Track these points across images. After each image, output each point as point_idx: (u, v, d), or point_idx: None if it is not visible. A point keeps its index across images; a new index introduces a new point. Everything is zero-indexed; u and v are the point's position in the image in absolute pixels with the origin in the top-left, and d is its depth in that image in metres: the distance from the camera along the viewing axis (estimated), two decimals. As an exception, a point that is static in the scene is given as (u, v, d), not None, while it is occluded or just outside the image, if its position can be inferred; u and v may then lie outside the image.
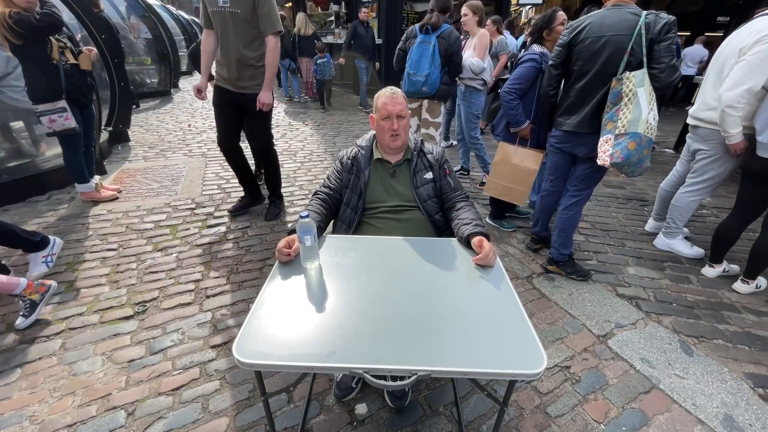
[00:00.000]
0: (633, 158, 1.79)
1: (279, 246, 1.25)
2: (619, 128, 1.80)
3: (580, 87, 1.99)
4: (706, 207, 3.47)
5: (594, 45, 1.88)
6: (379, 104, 1.51)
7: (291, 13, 10.45)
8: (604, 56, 1.86)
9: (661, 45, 1.72)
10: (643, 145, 1.78)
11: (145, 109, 6.69)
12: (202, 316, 1.95)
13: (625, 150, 1.78)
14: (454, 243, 1.41)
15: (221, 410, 1.47)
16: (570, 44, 1.99)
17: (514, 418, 1.48)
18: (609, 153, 1.83)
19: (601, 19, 1.88)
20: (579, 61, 1.96)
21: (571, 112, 2.06)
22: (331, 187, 1.60)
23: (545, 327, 1.96)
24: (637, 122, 1.75)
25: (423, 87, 2.97)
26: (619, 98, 1.79)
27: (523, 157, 2.55)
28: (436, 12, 2.90)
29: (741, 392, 1.61)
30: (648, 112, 1.76)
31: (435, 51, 2.88)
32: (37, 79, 2.58)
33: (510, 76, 2.47)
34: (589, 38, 1.89)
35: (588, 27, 1.91)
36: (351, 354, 0.89)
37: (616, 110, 1.81)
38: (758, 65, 1.91)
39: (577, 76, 2.00)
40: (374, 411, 1.48)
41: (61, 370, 1.61)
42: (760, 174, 2.03)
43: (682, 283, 2.36)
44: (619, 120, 1.79)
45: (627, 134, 1.78)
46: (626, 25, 1.78)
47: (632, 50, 1.77)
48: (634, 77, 1.75)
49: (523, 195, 2.68)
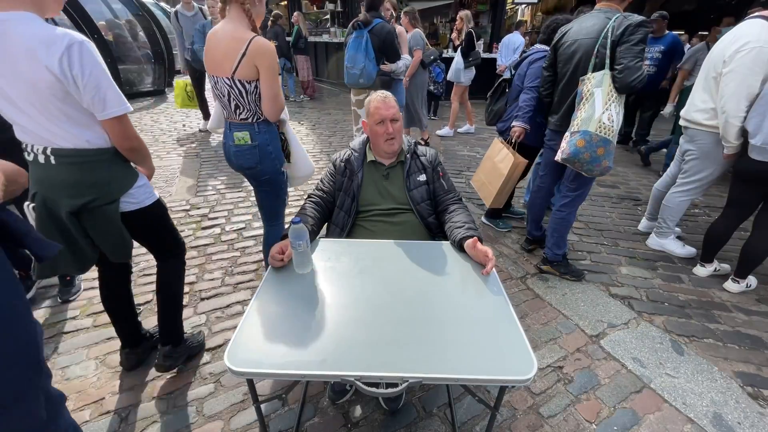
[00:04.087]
0: (582, 155, 1.86)
1: (272, 252, 1.25)
2: (573, 126, 1.91)
3: (561, 88, 2.11)
4: (699, 206, 3.51)
5: (569, 48, 1.99)
6: (372, 109, 1.51)
7: (287, 11, 10.38)
8: (575, 59, 1.97)
9: (623, 46, 1.75)
10: (594, 143, 1.83)
11: (139, 108, 6.64)
12: (197, 319, 1.94)
13: (573, 146, 1.87)
14: (447, 247, 1.42)
15: (215, 414, 1.47)
16: (555, 47, 2.10)
17: (507, 419, 1.50)
18: (561, 149, 1.96)
19: (580, 23, 1.98)
20: (560, 64, 2.08)
21: (556, 111, 2.18)
22: (324, 190, 1.60)
23: (539, 327, 1.98)
24: (588, 121, 1.83)
25: (360, 79, 3.21)
26: (582, 98, 1.89)
27: (502, 158, 2.54)
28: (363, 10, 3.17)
29: (730, 391, 1.64)
30: (602, 112, 1.80)
31: (368, 45, 3.13)
32: None
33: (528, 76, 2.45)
34: (567, 42, 2.01)
35: (568, 31, 2.02)
36: (343, 361, 0.90)
37: (578, 109, 1.91)
38: (747, 74, 1.97)
39: (560, 78, 2.11)
40: (368, 413, 1.49)
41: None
42: (751, 175, 2.05)
43: (674, 282, 2.39)
44: (578, 118, 1.89)
45: (578, 132, 1.86)
46: (597, 28, 1.85)
47: (598, 52, 1.83)
48: (593, 78, 1.83)
49: (490, 196, 2.62)
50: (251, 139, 1.65)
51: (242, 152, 1.68)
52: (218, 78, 1.57)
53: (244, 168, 1.73)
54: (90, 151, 1.17)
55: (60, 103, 1.07)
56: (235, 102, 1.59)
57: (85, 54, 1.03)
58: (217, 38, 1.54)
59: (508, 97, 2.68)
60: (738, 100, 2.00)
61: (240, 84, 1.54)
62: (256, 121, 1.65)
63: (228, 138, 1.71)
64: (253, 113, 1.62)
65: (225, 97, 1.60)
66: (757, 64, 1.93)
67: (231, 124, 1.70)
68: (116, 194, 1.25)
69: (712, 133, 2.23)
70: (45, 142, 1.13)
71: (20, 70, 1.00)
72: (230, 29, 1.51)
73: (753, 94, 1.97)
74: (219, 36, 1.54)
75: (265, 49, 1.50)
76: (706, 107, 2.22)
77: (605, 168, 1.88)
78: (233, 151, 1.70)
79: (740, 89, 1.99)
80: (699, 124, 2.28)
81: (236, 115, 1.64)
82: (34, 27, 0.99)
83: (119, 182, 1.26)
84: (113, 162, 1.23)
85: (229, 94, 1.58)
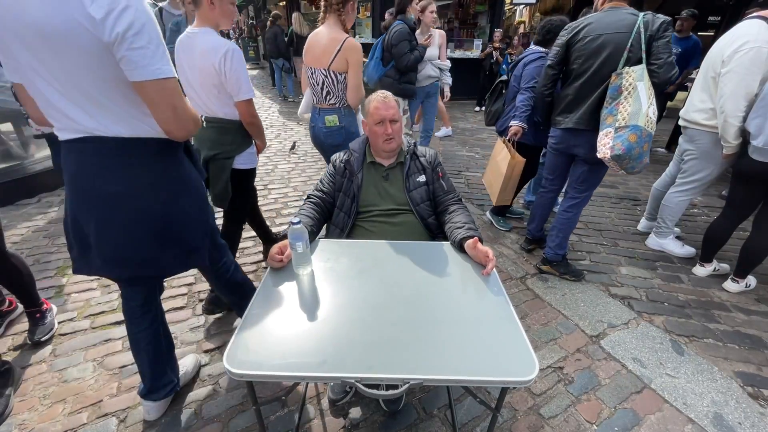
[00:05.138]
0: (634, 151, 1.80)
1: (271, 252, 1.24)
2: (619, 121, 1.82)
3: (580, 84, 2.02)
4: (698, 206, 3.51)
5: (593, 43, 1.92)
6: (371, 109, 1.50)
7: (285, 11, 10.36)
8: (604, 54, 1.89)
9: (660, 42, 1.76)
10: (643, 138, 1.79)
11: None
12: (195, 321, 1.93)
13: (626, 142, 1.79)
14: (447, 247, 1.41)
15: (214, 416, 1.46)
16: (569, 44, 2.03)
17: (507, 419, 1.49)
18: (609, 145, 1.84)
19: (600, 19, 1.93)
20: (578, 60, 2.00)
21: (570, 109, 2.08)
22: (324, 190, 1.59)
23: (539, 328, 1.98)
24: (637, 115, 1.77)
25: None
26: (619, 92, 1.82)
27: (503, 157, 2.55)
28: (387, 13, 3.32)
29: (731, 391, 1.63)
30: (648, 106, 1.77)
31: (379, 44, 3.26)
32: None
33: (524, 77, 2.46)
34: (588, 37, 1.94)
35: (587, 27, 1.96)
36: (343, 362, 0.89)
37: (616, 104, 1.83)
38: (746, 74, 1.96)
39: (577, 74, 2.02)
40: (368, 414, 1.48)
41: (51, 377, 1.59)
42: (751, 175, 2.05)
43: (674, 282, 2.39)
44: (619, 113, 1.82)
45: (628, 127, 1.79)
46: (625, 24, 1.83)
47: (632, 47, 1.81)
48: (634, 72, 1.78)
49: (494, 194, 2.66)
50: (339, 121, 2.08)
51: (332, 132, 2.11)
52: (316, 69, 2.02)
53: (333, 146, 2.08)
54: (225, 121, 1.70)
55: (214, 88, 1.61)
56: (327, 89, 2.04)
57: (235, 57, 1.54)
58: (317, 38, 2.01)
59: (506, 98, 2.69)
60: (737, 100, 2.00)
61: (333, 74, 1.99)
62: (342, 106, 2.08)
63: (318, 121, 2.14)
64: (340, 99, 2.06)
65: (319, 86, 2.05)
66: (755, 64, 1.94)
67: (320, 109, 2.12)
68: (233, 153, 1.75)
69: (711, 133, 2.23)
70: (204, 112, 1.69)
71: (198, 65, 1.57)
72: (329, 32, 1.97)
73: (752, 94, 1.98)
74: (320, 36, 2.00)
75: (355, 47, 1.94)
76: (705, 107, 2.23)
77: (645, 165, 1.86)
78: (324, 132, 2.12)
79: (739, 89, 1.99)
80: (698, 124, 2.28)
81: (326, 101, 2.08)
82: (210, 37, 1.54)
83: (237, 145, 1.75)
84: (237, 131, 1.74)
85: (323, 83, 2.03)
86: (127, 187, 1.04)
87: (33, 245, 2.52)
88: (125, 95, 0.96)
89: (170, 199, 1.11)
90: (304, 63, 2.10)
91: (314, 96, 2.13)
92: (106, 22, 0.83)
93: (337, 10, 1.94)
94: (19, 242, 2.54)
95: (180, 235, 1.17)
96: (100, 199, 1.04)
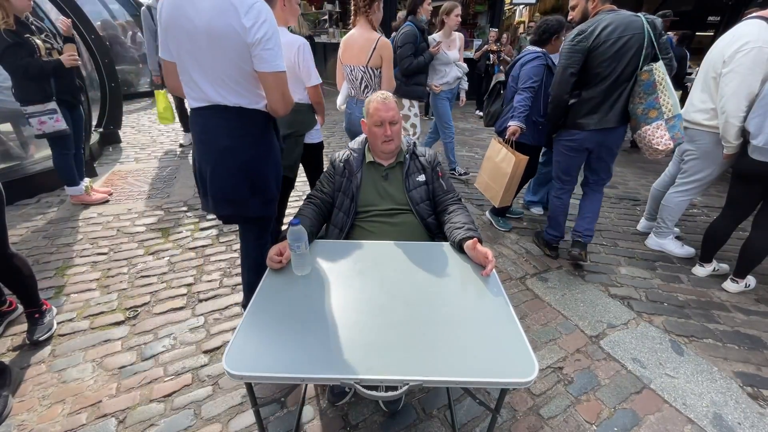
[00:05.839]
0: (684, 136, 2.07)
1: (270, 253, 1.24)
2: (666, 114, 2.01)
3: (607, 86, 2.09)
4: (697, 206, 3.51)
5: (615, 45, 2.00)
6: (371, 110, 1.50)
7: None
8: (629, 54, 1.99)
9: (662, 39, 1.97)
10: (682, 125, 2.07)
11: (137, 109, 6.61)
12: (195, 321, 1.93)
13: (682, 130, 2.05)
14: (447, 248, 1.41)
15: (214, 416, 1.46)
16: (591, 49, 2.05)
17: (507, 420, 1.49)
18: (668, 137, 2.03)
19: (614, 22, 2.01)
20: (603, 63, 2.05)
21: (598, 111, 2.15)
22: (323, 190, 1.59)
23: (538, 328, 1.98)
24: (677, 105, 2.01)
25: None
26: (654, 87, 1.97)
27: (503, 157, 2.55)
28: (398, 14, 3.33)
29: (730, 391, 1.63)
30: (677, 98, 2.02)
31: None
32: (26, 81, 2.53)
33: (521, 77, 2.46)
34: (611, 40, 2.01)
35: (604, 30, 2.01)
36: (342, 363, 0.89)
37: (655, 98, 2.00)
38: (747, 74, 1.97)
39: (603, 77, 2.08)
40: (368, 415, 1.48)
41: (50, 378, 1.59)
42: (751, 175, 2.05)
43: (673, 282, 2.39)
44: (663, 106, 2.00)
45: (675, 117, 2.01)
46: (637, 25, 1.98)
47: (647, 46, 1.96)
48: (660, 67, 1.95)
49: (497, 196, 2.64)
50: None
51: None
52: (354, 66, 2.33)
53: None
54: (298, 104, 1.85)
55: (294, 76, 1.80)
56: (365, 83, 2.36)
57: (306, 50, 1.84)
58: (353, 39, 2.30)
59: (504, 99, 2.69)
60: (738, 100, 2.00)
61: (371, 70, 2.30)
62: None
63: (355, 110, 2.46)
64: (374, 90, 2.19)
65: (357, 81, 2.37)
66: (756, 64, 1.94)
67: (358, 100, 2.44)
68: (304, 130, 2.05)
69: (711, 133, 2.23)
70: None
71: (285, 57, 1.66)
72: (361, 33, 2.26)
73: (753, 94, 1.98)
74: (355, 38, 2.29)
75: (387, 44, 2.25)
76: (706, 107, 2.23)
77: None
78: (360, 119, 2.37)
79: (740, 89, 1.99)
80: (698, 125, 2.28)
81: (363, 93, 2.40)
82: (285, 35, 1.79)
83: (308, 123, 2.06)
84: (308, 111, 2.04)
85: (362, 78, 2.35)
86: (236, 143, 1.38)
87: (32, 246, 2.51)
88: (250, 80, 1.32)
89: (263, 156, 1.46)
90: (342, 62, 2.40)
91: (352, 89, 2.46)
92: (251, 29, 1.19)
93: (365, 11, 2.20)
94: (18, 243, 2.53)
95: (265, 185, 1.50)
96: (216, 152, 1.39)
